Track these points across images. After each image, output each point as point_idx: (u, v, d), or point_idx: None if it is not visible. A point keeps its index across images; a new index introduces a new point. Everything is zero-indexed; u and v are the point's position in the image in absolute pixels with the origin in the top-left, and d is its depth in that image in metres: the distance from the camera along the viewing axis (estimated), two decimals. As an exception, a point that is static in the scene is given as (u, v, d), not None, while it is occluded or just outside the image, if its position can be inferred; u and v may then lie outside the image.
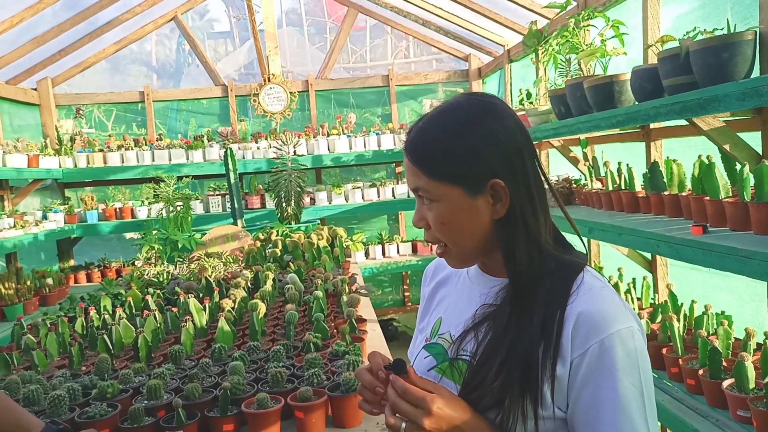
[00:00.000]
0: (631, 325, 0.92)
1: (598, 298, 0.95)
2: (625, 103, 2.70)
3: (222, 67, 6.62)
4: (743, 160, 2.09)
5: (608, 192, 2.96)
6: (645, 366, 0.92)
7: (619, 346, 0.90)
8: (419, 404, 0.90)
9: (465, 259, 1.07)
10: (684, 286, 3.02)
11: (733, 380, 1.95)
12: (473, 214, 1.00)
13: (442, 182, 0.99)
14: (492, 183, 0.98)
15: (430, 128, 1.02)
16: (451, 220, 1.01)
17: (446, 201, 1.00)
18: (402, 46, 7.28)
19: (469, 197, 0.99)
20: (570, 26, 3.44)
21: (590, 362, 0.91)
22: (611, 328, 0.91)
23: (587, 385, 0.91)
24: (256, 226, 5.19)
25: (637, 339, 0.92)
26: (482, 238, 1.02)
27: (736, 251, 1.76)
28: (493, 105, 1.02)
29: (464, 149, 0.98)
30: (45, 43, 5.09)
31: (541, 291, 0.98)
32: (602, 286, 0.97)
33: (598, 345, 0.90)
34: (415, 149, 1.02)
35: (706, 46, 2.04)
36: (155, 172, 4.88)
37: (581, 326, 0.92)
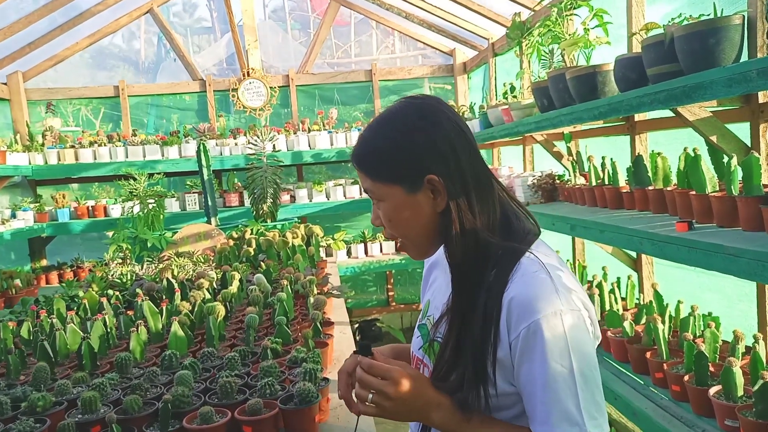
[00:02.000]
0: (560, 309, 0.97)
1: (530, 283, 1.00)
2: (608, 94, 2.57)
3: (200, 62, 6.45)
4: (731, 152, 1.97)
5: (591, 188, 2.84)
6: (578, 347, 0.97)
7: (546, 329, 0.95)
8: (385, 376, 0.99)
9: (421, 251, 1.15)
10: (670, 285, 2.91)
11: (721, 387, 1.83)
12: (416, 209, 1.09)
13: (383, 183, 1.09)
14: (428, 178, 1.06)
15: (370, 135, 1.12)
16: (396, 217, 1.10)
17: (389, 199, 1.09)
18: (387, 41, 7.14)
19: (409, 194, 1.08)
20: (553, 16, 3.32)
21: (522, 345, 0.97)
22: (538, 312, 0.96)
23: (522, 365, 0.98)
24: (232, 224, 5.03)
25: (567, 321, 0.97)
26: (432, 230, 1.10)
27: (723, 249, 1.64)
28: (428, 107, 1.09)
29: (399, 151, 1.07)
30: (13, 35, 4.90)
31: (481, 278, 1.05)
32: (536, 271, 1.01)
33: (526, 329, 0.96)
34: (358, 155, 1.13)
35: (692, 31, 1.91)
36: (127, 169, 4.70)
37: (513, 311, 0.99)
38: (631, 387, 2.25)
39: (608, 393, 2.33)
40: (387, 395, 0.99)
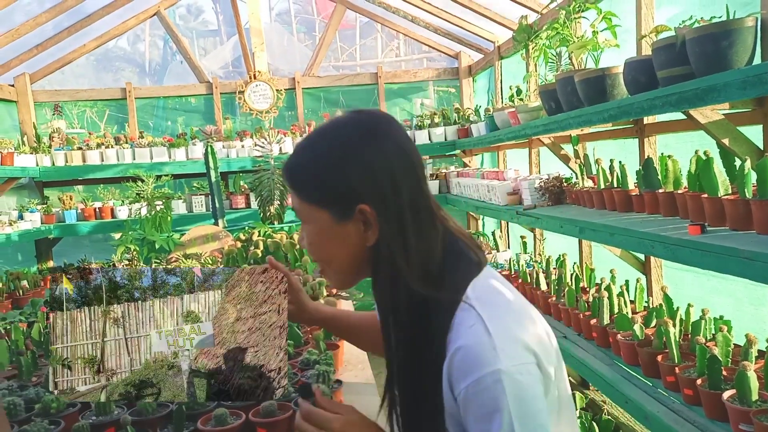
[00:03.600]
0: (497, 368, 0.87)
1: (467, 339, 0.91)
2: (617, 97, 2.57)
3: (207, 64, 6.46)
4: (743, 155, 1.96)
5: (600, 190, 2.83)
6: (519, 405, 0.87)
7: (483, 392, 0.88)
8: (323, 425, 0.92)
9: (342, 282, 1.06)
10: (679, 288, 2.90)
11: (735, 391, 1.82)
12: (341, 239, 0.98)
13: (311, 204, 0.99)
14: (359, 208, 0.95)
15: (303, 151, 1.01)
16: (318, 243, 1.01)
17: (315, 223, 0.99)
18: (392, 45, 7.15)
19: (337, 222, 0.97)
20: (561, 18, 3.32)
21: (463, 404, 0.90)
22: (474, 374, 0.88)
23: (466, 424, 0.91)
24: (239, 226, 5.03)
25: (506, 382, 0.87)
26: (357, 262, 1.00)
27: (737, 252, 1.63)
28: (373, 125, 0.98)
29: (331, 173, 0.96)
30: (20, 37, 4.92)
31: (413, 333, 0.95)
32: (471, 324, 0.92)
33: (464, 390, 0.89)
34: (289, 170, 1.02)
35: (704, 33, 1.91)
36: (134, 171, 4.71)
37: (453, 369, 0.91)
38: (642, 390, 2.25)
39: (618, 396, 2.33)
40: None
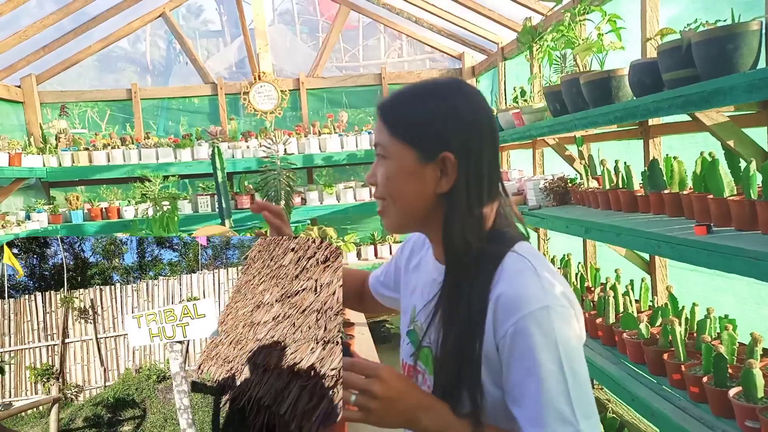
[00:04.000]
0: (547, 305, 0.94)
1: (515, 281, 0.98)
2: (622, 98, 2.60)
3: (212, 65, 6.50)
4: (748, 156, 2.00)
5: (605, 191, 2.86)
6: (567, 343, 0.94)
7: (534, 327, 0.93)
8: (369, 373, 0.93)
9: (401, 222, 1.09)
10: (683, 288, 2.93)
11: (741, 388, 1.85)
12: (419, 179, 1.04)
13: (399, 140, 1.04)
14: (444, 155, 1.02)
15: (405, 91, 1.08)
16: (396, 178, 1.05)
17: (398, 159, 1.04)
18: (395, 45, 7.18)
19: (419, 162, 1.03)
20: (566, 21, 3.35)
21: (510, 344, 0.94)
22: (524, 309, 0.94)
23: (510, 366, 0.95)
24: (245, 226, 5.07)
25: (555, 318, 0.94)
26: (422, 208, 1.06)
27: (743, 252, 1.67)
28: (473, 91, 1.08)
29: (426, 114, 1.03)
30: (27, 39, 4.95)
31: (469, 277, 1.01)
32: (521, 269, 0.99)
33: (513, 327, 0.94)
34: (386, 104, 1.08)
35: (710, 37, 1.95)
36: (141, 171, 4.75)
37: (499, 310, 0.96)
38: (648, 388, 2.28)
39: (625, 394, 2.36)
40: (373, 394, 0.92)
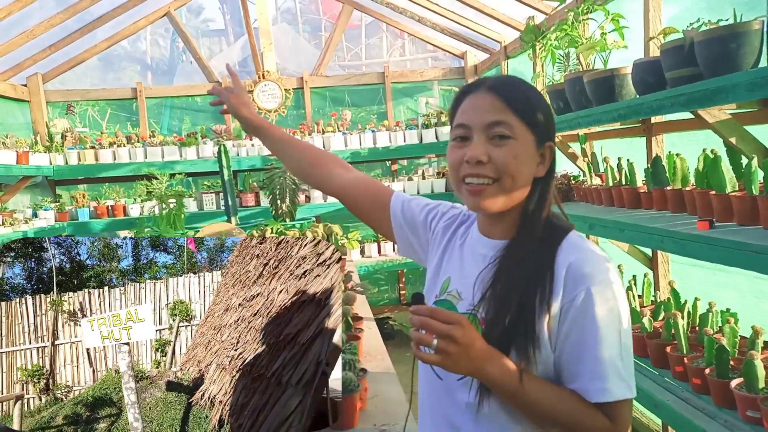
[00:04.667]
0: (609, 276, 1.06)
1: (585, 251, 1.09)
2: (626, 97, 2.64)
3: (216, 64, 6.53)
4: (750, 153, 2.04)
5: (608, 188, 2.91)
6: (623, 317, 1.05)
7: (600, 294, 1.03)
8: (450, 320, 0.97)
9: (506, 202, 1.13)
10: (685, 282, 2.97)
11: (742, 380, 1.90)
12: (532, 162, 1.12)
13: (525, 123, 1.10)
14: (549, 143, 1.14)
15: (515, 78, 1.17)
16: (521, 159, 1.10)
17: (521, 141, 1.10)
18: (398, 44, 7.21)
19: (536, 147, 1.12)
20: (569, 20, 3.39)
21: (576, 308, 1.04)
22: (594, 278, 1.04)
23: (573, 328, 1.04)
24: (251, 223, 5.11)
25: (617, 290, 1.06)
26: (525, 188, 1.14)
27: (745, 246, 1.71)
28: None
29: (544, 106, 1.14)
30: (34, 38, 5.00)
31: (536, 246, 1.11)
32: (587, 246, 1.11)
33: (584, 292, 1.03)
34: (506, 88, 1.12)
35: (712, 36, 1.99)
36: (147, 169, 4.80)
37: (570, 275, 1.05)
38: (651, 380, 2.33)
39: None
40: (455, 339, 0.96)
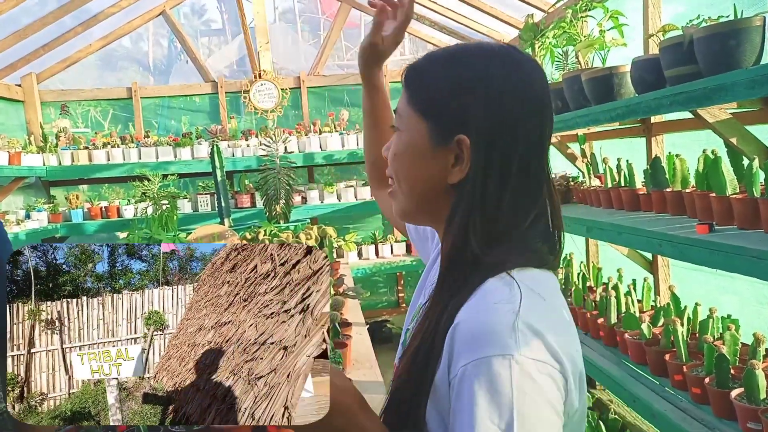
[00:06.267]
0: (511, 353, 0.70)
1: (483, 311, 0.75)
2: (624, 96, 2.58)
3: (212, 63, 6.48)
4: (751, 154, 1.97)
5: (607, 189, 2.84)
6: (529, 410, 0.70)
7: (484, 375, 0.70)
8: None
9: (405, 209, 0.92)
10: (686, 288, 2.90)
11: (743, 390, 1.82)
12: (428, 162, 0.86)
13: (416, 111, 0.87)
14: (458, 138, 0.82)
15: (437, 54, 0.89)
16: (404, 155, 0.88)
17: (409, 133, 0.88)
18: (397, 43, 7.15)
19: (431, 141, 0.85)
20: (567, 17, 3.32)
21: (456, 388, 0.73)
22: (481, 351, 0.72)
23: (454, 414, 0.74)
24: (245, 225, 5.05)
25: (521, 372, 0.70)
26: (429, 197, 0.88)
27: (745, 251, 1.64)
28: (517, 61, 0.85)
29: (448, 83, 0.84)
30: (27, 37, 4.94)
31: (451, 290, 0.82)
32: (499, 300, 0.76)
33: (463, 370, 0.73)
34: (412, 68, 0.91)
35: (712, 33, 1.92)
36: (140, 170, 4.74)
37: (455, 342, 0.75)
38: (649, 389, 2.25)
39: (627, 395, 2.33)
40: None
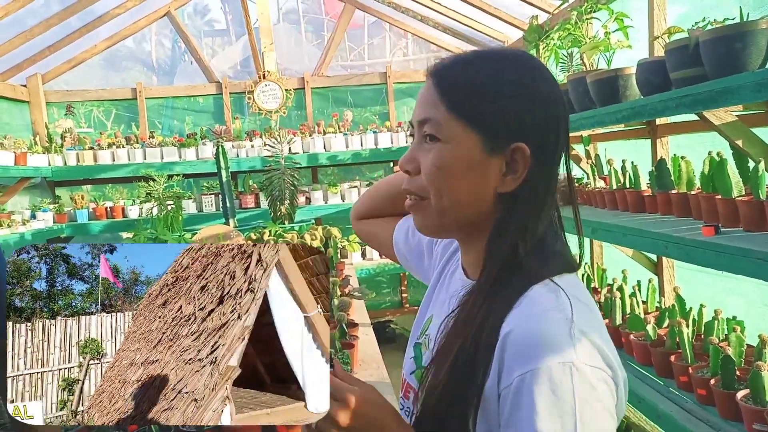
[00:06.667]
0: (571, 360, 0.70)
1: (536, 319, 0.74)
2: (630, 97, 2.58)
3: (217, 64, 6.50)
4: (757, 156, 1.97)
5: (612, 191, 2.84)
6: (589, 415, 0.70)
7: (546, 384, 0.70)
8: (338, 396, 0.76)
9: (441, 224, 0.86)
10: (691, 289, 2.91)
11: (748, 391, 1.83)
12: (480, 173, 0.81)
13: (461, 121, 0.81)
14: (516, 146, 0.80)
15: (473, 59, 0.84)
16: (450, 169, 0.81)
17: (455, 144, 0.81)
18: (401, 44, 7.16)
19: (484, 152, 0.81)
20: (572, 19, 3.33)
21: (512, 399, 0.72)
22: (540, 359, 0.71)
23: (508, 426, 0.73)
24: (250, 225, 5.07)
25: (581, 379, 0.70)
26: (474, 209, 0.84)
27: (751, 253, 1.64)
28: (540, 67, 0.84)
29: (503, 93, 0.80)
30: (33, 38, 4.97)
31: (493, 299, 0.80)
32: (550, 308, 0.76)
33: (520, 379, 0.71)
34: (445, 73, 0.83)
35: (718, 36, 1.92)
36: (145, 171, 4.76)
37: (507, 351, 0.74)
38: (655, 390, 2.26)
39: (632, 396, 2.34)
40: (335, 422, 0.75)
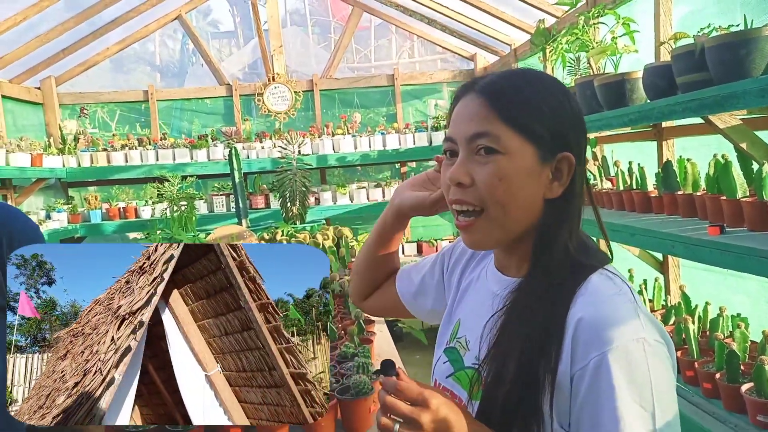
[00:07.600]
0: (643, 337, 0.79)
1: (604, 304, 0.83)
2: (636, 101, 2.65)
3: (226, 67, 6.59)
4: (761, 158, 2.04)
5: (619, 192, 2.91)
6: (663, 387, 0.78)
7: (623, 360, 0.78)
8: (416, 401, 0.79)
9: (500, 237, 0.91)
10: (696, 287, 2.98)
11: (752, 384, 1.91)
12: (535, 181, 0.88)
13: (518, 133, 0.87)
14: (563, 155, 0.88)
15: (517, 76, 0.92)
16: (511, 179, 0.87)
17: (514, 156, 0.87)
18: (406, 46, 7.24)
19: (539, 161, 0.87)
20: (580, 24, 3.40)
21: (590, 378, 0.79)
22: (615, 339, 0.78)
23: (586, 405, 0.79)
24: (261, 225, 5.15)
25: (652, 352, 0.79)
26: (529, 216, 0.90)
27: (755, 252, 1.72)
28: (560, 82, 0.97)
29: (553, 107, 0.88)
30: (48, 42, 5.06)
31: (553, 291, 0.87)
32: (613, 293, 0.84)
33: (599, 358, 0.78)
34: (494, 89, 0.89)
35: (723, 42, 1.99)
36: (159, 172, 4.85)
37: (581, 336, 0.81)
38: (661, 385, 2.33)
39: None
40: (419, 425, 0.78)
